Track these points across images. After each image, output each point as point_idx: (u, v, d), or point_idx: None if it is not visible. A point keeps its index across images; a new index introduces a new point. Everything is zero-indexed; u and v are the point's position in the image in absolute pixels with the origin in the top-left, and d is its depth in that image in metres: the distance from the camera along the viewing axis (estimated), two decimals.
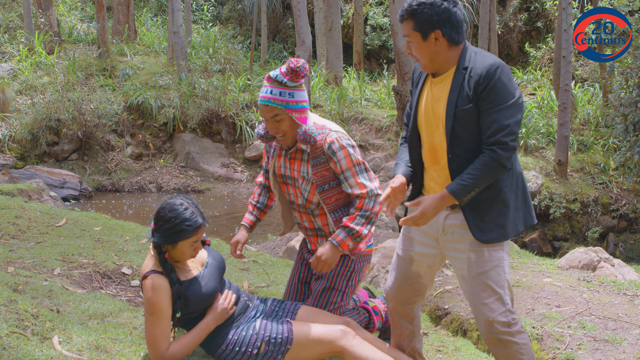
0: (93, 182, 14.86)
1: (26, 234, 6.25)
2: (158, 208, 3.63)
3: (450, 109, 3.30)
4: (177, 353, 3.50)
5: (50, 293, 4.50)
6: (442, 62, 3.37)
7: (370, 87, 19.09)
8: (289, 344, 3.63)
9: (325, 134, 3.95)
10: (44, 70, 17.90)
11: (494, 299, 3.37)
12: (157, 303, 3.48)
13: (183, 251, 3.61)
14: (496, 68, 3.19)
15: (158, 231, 3.57)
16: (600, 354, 4.61)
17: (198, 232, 3.60)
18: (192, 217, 3.58)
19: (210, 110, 16.19)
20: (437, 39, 3.29)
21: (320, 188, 3.99)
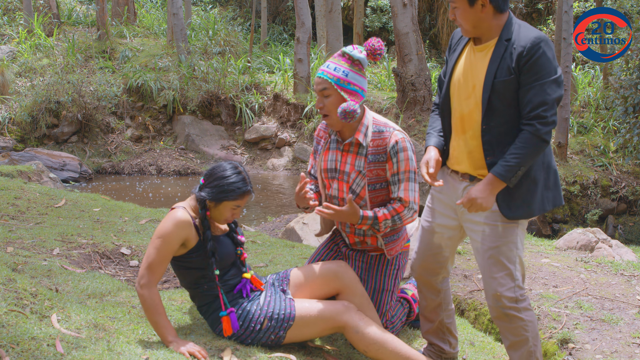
0: (93, 165, 14.87)
1: (25, 214, 6.27)
2: (214, 165, 3.74)
3: (489, 80, 3.28)
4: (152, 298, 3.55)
5: (49, 273, 4.52)
6: (486, 29, 3.35)
7: (371, 69, 19.04)
8: (291, 320, 3.66)
9: (390, 132, 3.93)
10: (43, 52, 17.84)
11: (504, 274, 3.38)
12: (171, 232, 3.57)
13: (223, 212, 3.71)
14: (540, 41, 3.18)
15: (207, 186, 3.68)
16: (596, 334, 4.63)
17: (244, 198, 3.71)
18: (242, 183, 3.69)
19: (210, 92, 16.17)
20: (483, 5, 3.26)
21: (372, 187, 3.96)
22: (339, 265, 3.91)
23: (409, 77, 14.30)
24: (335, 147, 4.06)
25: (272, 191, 13.38)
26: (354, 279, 3.89)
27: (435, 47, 22.39)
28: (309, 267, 3.98)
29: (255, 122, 16.13)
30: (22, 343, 3.10)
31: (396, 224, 3.91)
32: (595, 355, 4.37)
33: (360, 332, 3.64)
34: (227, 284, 3.79)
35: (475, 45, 3.42)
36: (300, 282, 3.90)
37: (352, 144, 3.98)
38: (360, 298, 3.86)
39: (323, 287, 3.87)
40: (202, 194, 3.67)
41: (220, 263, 3.74)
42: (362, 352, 3.72)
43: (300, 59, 15.95)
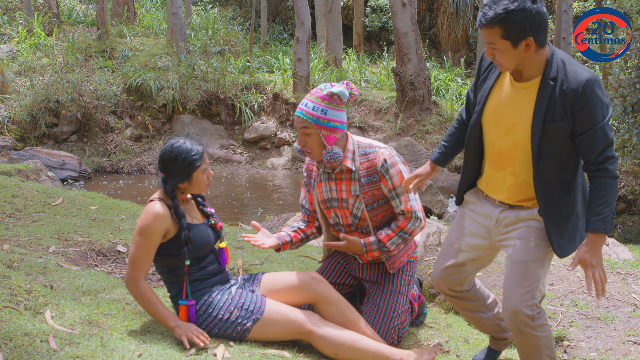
0: (92, 164, 14.87)
1: (22, 212, 6.27)
2: (159, 156, 3.75)
3: (538, 123, 3.13)
4: (142, 292, 3.61)
5: (45, 270, 4.52)
6: (529, 65, 3.16)
7: (370, 68, 19.05)
8: (260, 313, 3.69)
9: (376, 152, 4.05)
10: (43, 51, 17.85)
11: (525, 291, 3.29)
12: (150, 227, 3.60)
13: (199, 181, 3.76)
14: (593, 84, 3.02)
15: (170, 174, 3.70)
16: (591, 331, 4.63)
17: (204, 157, 3.76)
18: (193, 146, 3.73)
19: (209, 91, 16.17)
20: (528, 45, 3.06)
21: (370, 207, 4.08)
22: (311, 276, 3.94)
23: (408, 76, 14.31)
24: (327, 178, 4.17)
25: (271, 190, 13.38)
26: (326, 288, 3.91)
27: (435, 46, 22.40)
28: (281, 274, 4.01)
29: (254, 122, 16.13)
30: (15, 339, 3.10)
31: (405, 238, 4.04)
32: (590, 352, 4.37)
33: (327, 337, 3.68)
34: (205, 270, 3.83)
35: (516, 82, 3.26)
36: (271, 288, 3.93)
37: (342, 171, 4.09)
38: (338, 304, 3.90)
39: (295, 297, 3.89)
40: (171, 184, 3.71)
41: (199, 251, 3.77)
42: (332, 357, 3.73)
43: (299, 59, 15.94)
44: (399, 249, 4.08)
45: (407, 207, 4.00)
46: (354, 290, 4.48)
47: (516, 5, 2.97)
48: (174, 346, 3.53)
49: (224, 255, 3.97)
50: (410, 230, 4.03)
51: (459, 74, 18.01)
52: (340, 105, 4.01)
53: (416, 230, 4.05)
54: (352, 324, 3.85)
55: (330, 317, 3.84)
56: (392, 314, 4.09)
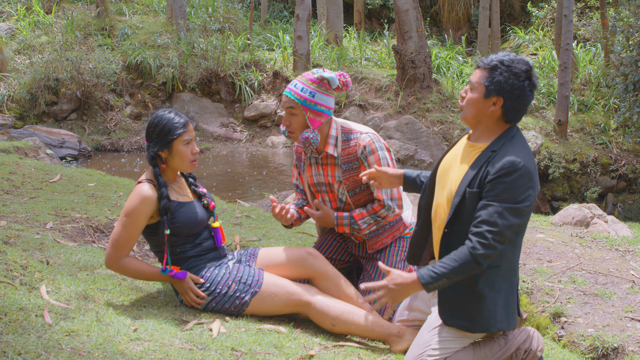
0: (92, 142, 14.84)
1: (20, 189, 6.26)
2: (147, 126, 3.76)
3: (463, 185, 3.12)
4: (126, 268, 3.64)
5: (42, 246, 4.51)
6: (484, 129, 3.19)
7: (371, 46, 18.95)
8: (258, 286, 3.70)
9: (357, 138, 4.05)
10: (42, 29, 17.75)
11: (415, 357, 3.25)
12: (137, 209, 3.61)
13: (181, 154, 3.73)
14: (512, 167, 2.99)
15: (152, 141, 3.72)
16: (589, 307, 4.63)
17: (188, 128, 3.74)
18: (176, 116, 3.73)
19: (209, 69, 16.09)
20: (495, 104, 3.10)
21: (352, 192, 4.11)
22: (307, 251, 3.95)
23: (408, 54, 14.23)
24: (315, 162, 4.19)
25: (271, 169, 13.35)
26: (323, 263, 3.93)
27: (436, 24, 22.30)
28: (278, 249, 4.01)
29: (254, 100, 16.07)
30: (10, 314, 3.10)
31: (377, 221, 4.09)
32: (587, 329, 4.38)
33: (324, 309, 3.70)
34: (201, 246, 3.83)
35: (469, 140, 3.28)
36: (267, 263, 3.94)
37: (327, 156, 4.11)
38: (335, 279, 3.92)
39: (292, 272, 3.90)
40: (152, 151, 3.71)
41: (191, 228, 3.76)
42: (330, 329, 3.75)
43: (299, 37, 15.85)
44: (370, 229, 4.10)
45: (379, 196, 4.05)
46: (350, 266, 4.47)
47: (509, 64, 3.07)
48: (169, 321, 3.53)
49: (218, 234, 3.96)
50: (383, 215, 4.08)
51: (460, 52, 17.90)
52: (329, 91, 4.03)
53: (389, 216, 4.11)
54: (349, 298, 3.86)
55: (327, 292, 3.85)
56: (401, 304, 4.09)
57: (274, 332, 3.62)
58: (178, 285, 3.70)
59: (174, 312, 3.69)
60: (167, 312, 3.67)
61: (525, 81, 3.07)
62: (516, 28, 19.49)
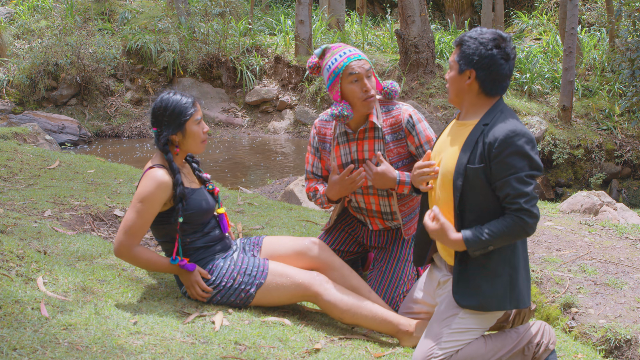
0: (92, 128, 14.75)
1: (18, 176, 6.14)
2: (151, 111, 3.62)
3: (461, 165, 3.11)
4: (138, 257, 3.49)
5: (39, 235, 4.39)
6: (469, 105, 3.24)
7: (373, 31, 18.80)
8: (263, 277, 3.58)
9: (399, 108, 3.92)
10: (41, 13, 17.64)
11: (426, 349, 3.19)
12: (153, 195, 3.46)
13: (194, 134, 3.62)
14: (514, 135, 3.01)
15: (162, 125, 3.58)
16: (600, 298, 4.53)
17: (196, 107, 3.63)
18: (183, 96, 3.61)
19: (210, 54, 15.97)
20: (469, 77, 3.16)
21: (395, 165, 3.89)
22: (312, 241, 3.83)
23: (411, 39, 14.08)
24: (346, 139, 3.98)
25: (273, 154, 13.25)
26: (328, 254, 3.81)
27: (439, 9, 22.12)
28: (282, 239, 3.91)
29: (256, 85, 15.95)
30: (5, 307, 2.99)
31: None
32: (599, 319, 4.28)
33: (333, 300, 3.56)
34: (209, 236, 3.71)
35: (458, 120, 3.32)
36: (272, 253, 3.83)
37: (366, 129, 3.91)
38: (341, 270, 3.79)
39: (296, 262, 3.77)
40: (164, 136, 3.57)
41: (202, 216, 3.65)
42: (338, 319, 3.65)
43: (301, 21, 15.71)
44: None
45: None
46: (356, 257, 4.35)
47: (476, 36, 3.14)
48: (170, 313, 3.43)
49: (224, 221, 3.84)
50: None
51: None
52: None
53: None
54: (356, 290, 3.74)
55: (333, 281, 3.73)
56: (397, 282, 3.97)
57: (279, 325, 3.51)
58: (185, 277, 3.57)
59: (175, 304, 3.58)
60: (168, 304, 3.56)
61: (493, 49, 3.10)
62: (520, 12, 19.32)
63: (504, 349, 3.23)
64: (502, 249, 3.12)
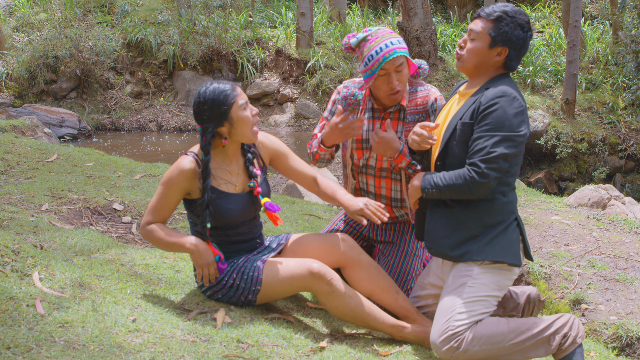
0: (92, 121, 14.65)
1: (15, 169, 6.03)
2: (193, 108, 3.42)
3: (455, 120, 3.22)
4: (149, 235, 3.43)
5: (36, 229, 4.29)
6: (483, 74, 3.29)
7: (375, 24, 18.67)
8: (259, 284, 3.41)
9: (427, 89, 3.82)
10: (40, 6, 17.52)
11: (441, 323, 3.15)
12: (172, 180, 3.38)
13: (243, 120, 3.38)
14: (502, 96, 3.09)
15: (207, 119, 3.36)
16: (610, 294, 4.43)
17: (237, 91, 3.39)
18: (219, 84, 3.38)
19: (210, 47, 15.84)
20: (499, 55, 3.22)
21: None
22: (341, 238, 3.62)
23: (414, 31, 13.96)
24: (372, 116, 3.85)
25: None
26: (356, 252, 3.60)
27: (441, 1, 21.98)
28: (309, 236, 3.70)
29: (257, 78, 15.83)
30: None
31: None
32: (609, 316, 4.18)
33: (330, 301, 3.38)
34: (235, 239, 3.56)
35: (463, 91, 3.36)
36: (297, 250, 3.63)
37: (392, 112, 3.80)
38: (368, 269, 3.58)
39: (321, 259, 3.54)
40: (210, 132, 3.37)
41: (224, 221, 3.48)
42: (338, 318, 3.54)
43: (302, 13, 15.58)
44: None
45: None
46: None
47: (513, 15, 3.19)
48: (170, 310, 3.31)
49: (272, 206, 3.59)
50: None
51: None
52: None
53: None
54: (383, 290, 3.56)
55: (359, 282, 3.55)
56: (406, 277, 3.86)
57: (282, 322, 3.41)
58: (202, 256, 3.39)
59: (175, 301, 3.46)
60: (168, 300, 3.44)
61: (528, 32, 3.21)
62: (522, 5, 19.16)
63: (527, 333, 3.17)
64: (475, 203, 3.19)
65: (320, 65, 15.12)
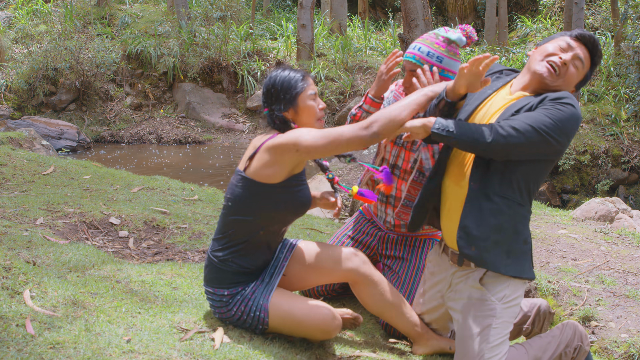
0: (92, 133, 14.54)
1: (10, 182, 5.91)
2: (263, 90, 3.34)
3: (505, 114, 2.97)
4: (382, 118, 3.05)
5: (30, 244, 4.16)
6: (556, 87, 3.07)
7: (376, 35, 18.61)
8: (265, 325, 3.23)
9: None
10: (40, 18, 17.48)
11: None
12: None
13: (309, 110, 3.28)
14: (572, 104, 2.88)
15: (273, 103, 3.28)
16: (620, 310, 4.30)
17: (308, 80, 3.31)
18: (292, 71, 3.30)
19: (211, 59, 15.77)
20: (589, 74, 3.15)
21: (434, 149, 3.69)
22: (353, 252, 3.42)
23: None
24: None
25: None
26: (368, 267, 3.40)
27: (442, 13, 21.96)
28: (318, 247, 3.49)
29: (257, 90, 15.75)
30: None
31: None
32: (620, 334, 4.05)
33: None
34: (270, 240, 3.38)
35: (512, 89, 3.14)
36: (304, 261, 3.44)
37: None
38: (380, 286, 3.40)
39: (331, 274, 3.40)
40: (277, 115, 3.27)
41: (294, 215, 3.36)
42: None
43: (303, 25, 15.51)
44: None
45: None
46: None
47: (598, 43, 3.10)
48: (167, 329, 3.18)
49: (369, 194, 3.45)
50: None
51: None
52: (457, 55, 3.62)
53: None
54: (395, 307, 3.42)
55: (370, 299, 3.40)
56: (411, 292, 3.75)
57: (284, 341, 3.27)
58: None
59: (172, 319, 3.32)
60: (164, 319, 3.30)
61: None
62: (523, 17, 19.13)
63: (544, 356, 3.14)
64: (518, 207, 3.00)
65: (321, 77, 15.04)
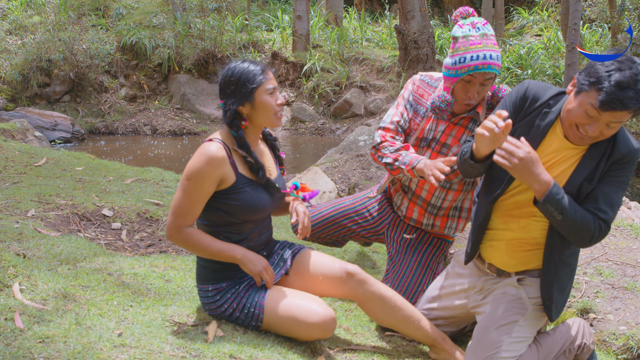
0: (86, 125, 14.45)
1: (2, 174, 5.85)
2: (220, 82, 3.22)
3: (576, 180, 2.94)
4: (188, 240, 3.11)
5: (20, 236, 4.11)
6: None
7: (372, 27, 18.54)
8: (259, 321, 3.19)
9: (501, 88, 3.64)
10: (34, 9, 17.35)
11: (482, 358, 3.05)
12: (200, 172, 3.03)
13: (265, 105, 3.16)
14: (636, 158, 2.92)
15: (228, 96, 3.16)
16: (619, 302, 4.26)
17: (267, 74, 3.19)
18: (251, 64, 3.18)
19: (206, 50, 15.68)
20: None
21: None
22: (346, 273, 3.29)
23: (411, 34, 13.80)
24: (440, 117, 3.68)
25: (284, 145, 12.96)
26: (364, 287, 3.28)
27: (438, 5, 21.89)
28: (321, 259, 3.40)
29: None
30: None
31: None
32: (619, 326, 4.01)
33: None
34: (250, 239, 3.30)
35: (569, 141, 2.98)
36: (305, 272, 3.38)
37: (467, 118, 3.66)
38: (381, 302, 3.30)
39: (331, 289, 3.33)
40: (231, 108, 3.14)
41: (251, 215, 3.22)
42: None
43: (299, 16, 15.43)
44: None
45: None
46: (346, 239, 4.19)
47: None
48: (159, 323, 3.12)
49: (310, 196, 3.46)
50: None
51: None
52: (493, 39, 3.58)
53: None
54: (402, 322, 3.35)
55: (375, 315, 3.34)
56: (416, 288, 3.71)
57: (278, 335, 3.22)
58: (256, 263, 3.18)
59: (164, 312, 3.26)
60: (156, 312, 3.24)
61: None
62: (520, 9, 19.08)
63: (551, 354, 3.18)
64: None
65: (316, 68, 14.97)
